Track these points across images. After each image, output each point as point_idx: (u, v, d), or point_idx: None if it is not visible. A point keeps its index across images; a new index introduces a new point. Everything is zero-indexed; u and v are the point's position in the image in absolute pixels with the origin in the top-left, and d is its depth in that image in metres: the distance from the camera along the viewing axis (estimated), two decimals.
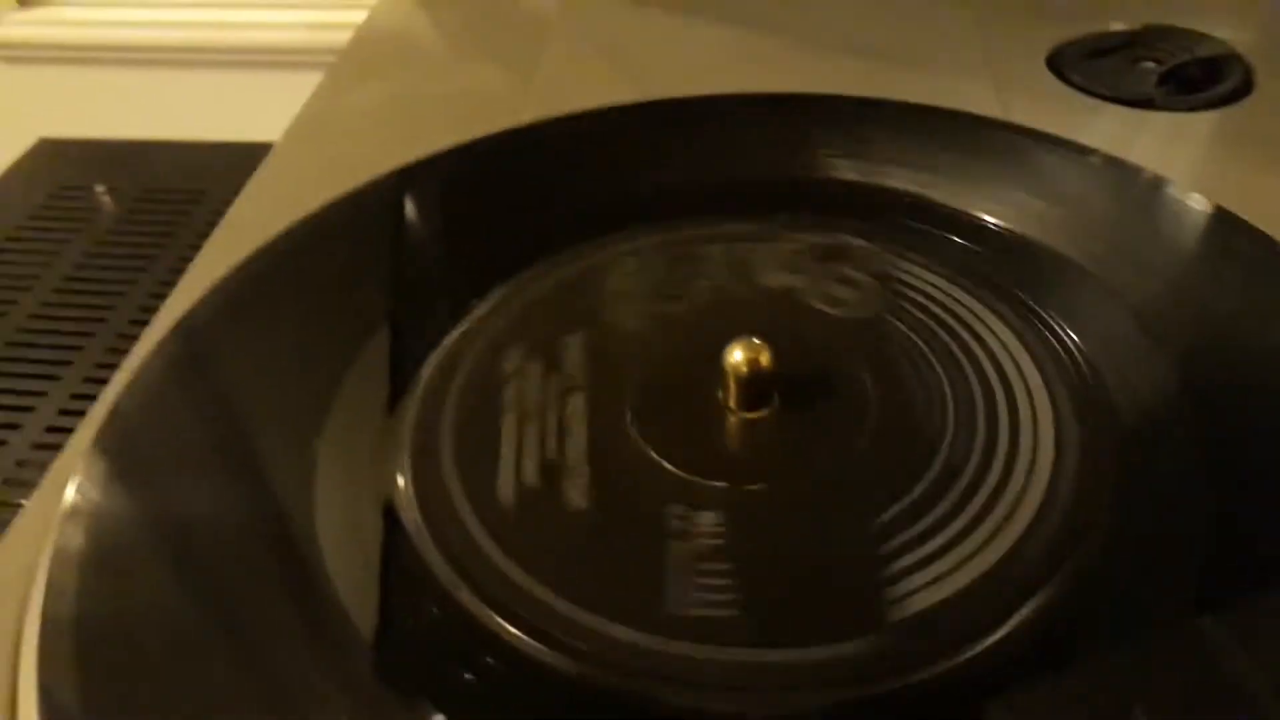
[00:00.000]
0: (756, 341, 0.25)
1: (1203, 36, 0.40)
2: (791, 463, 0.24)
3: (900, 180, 0.32)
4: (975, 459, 0.23)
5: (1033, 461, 0.23)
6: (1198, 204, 0.30)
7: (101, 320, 0.41)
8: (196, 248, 0.33)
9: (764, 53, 0.42)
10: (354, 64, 0.44)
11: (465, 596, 0.21)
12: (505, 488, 0.23)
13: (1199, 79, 0.38)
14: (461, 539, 0.22)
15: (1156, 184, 0.31)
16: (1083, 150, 0.33)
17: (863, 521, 0.22)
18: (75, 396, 0.37)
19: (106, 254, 0.44)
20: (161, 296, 0.30)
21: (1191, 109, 0.37)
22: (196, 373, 0.27)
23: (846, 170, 0.33)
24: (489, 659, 0.20)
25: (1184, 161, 0.34)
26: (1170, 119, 0.36)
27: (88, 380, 0.38)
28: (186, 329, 0.28)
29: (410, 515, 0.23)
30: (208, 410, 0.26)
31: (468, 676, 0.20)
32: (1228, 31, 0.40)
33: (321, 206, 0.32)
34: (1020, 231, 0.30)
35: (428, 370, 0.27)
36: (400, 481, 0.24)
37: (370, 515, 0.23)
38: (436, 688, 0.20)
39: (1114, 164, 0.32)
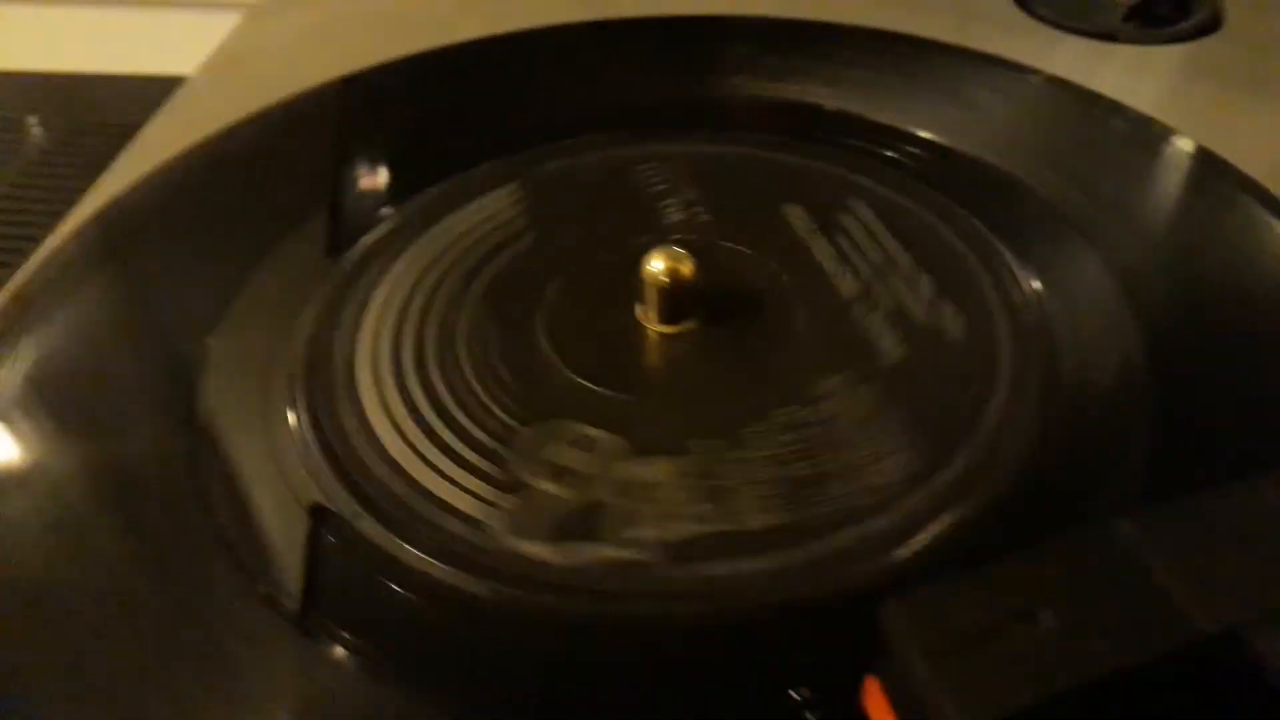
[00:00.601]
0: (679, 250, 0.23)
1: None
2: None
3: (827, 98, 0.31)
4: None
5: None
6: (1142, 122, 0.29)
7: (23, 254, 0.39)
8: None
9: None
10: None
11: (367, 525, 0.20)
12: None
13: (1167, 14, 0.37)
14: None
15: (1095, 100, 0.30)
16: (1021, 69, 0.31)
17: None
18: None
19: (36, 185, 0.43)
20: None
21: (1158, 43, 0.35)
22: (108, 260, 0.27)
23: (776, 89, 0.32)
24: (393, 586, 0.19)
25: (1148, 92, 0.33)
26: (1136, 52, 0.35)
27: None
28: (104, 219, 0.27)
29: (303, 433, 0.22)
30: (116, 301, 0.26)
31: (371, 606, 0.19)
32: None
33: (259, 110, 0.31)
34: (951, 145, 0.29)
35: (343, 270, 0.26)
36: (296, 392, 0.23)
37: (262, 431, 0.22)
38: (332, 616, 0.19)
39: (1054, 83, 0.31)
